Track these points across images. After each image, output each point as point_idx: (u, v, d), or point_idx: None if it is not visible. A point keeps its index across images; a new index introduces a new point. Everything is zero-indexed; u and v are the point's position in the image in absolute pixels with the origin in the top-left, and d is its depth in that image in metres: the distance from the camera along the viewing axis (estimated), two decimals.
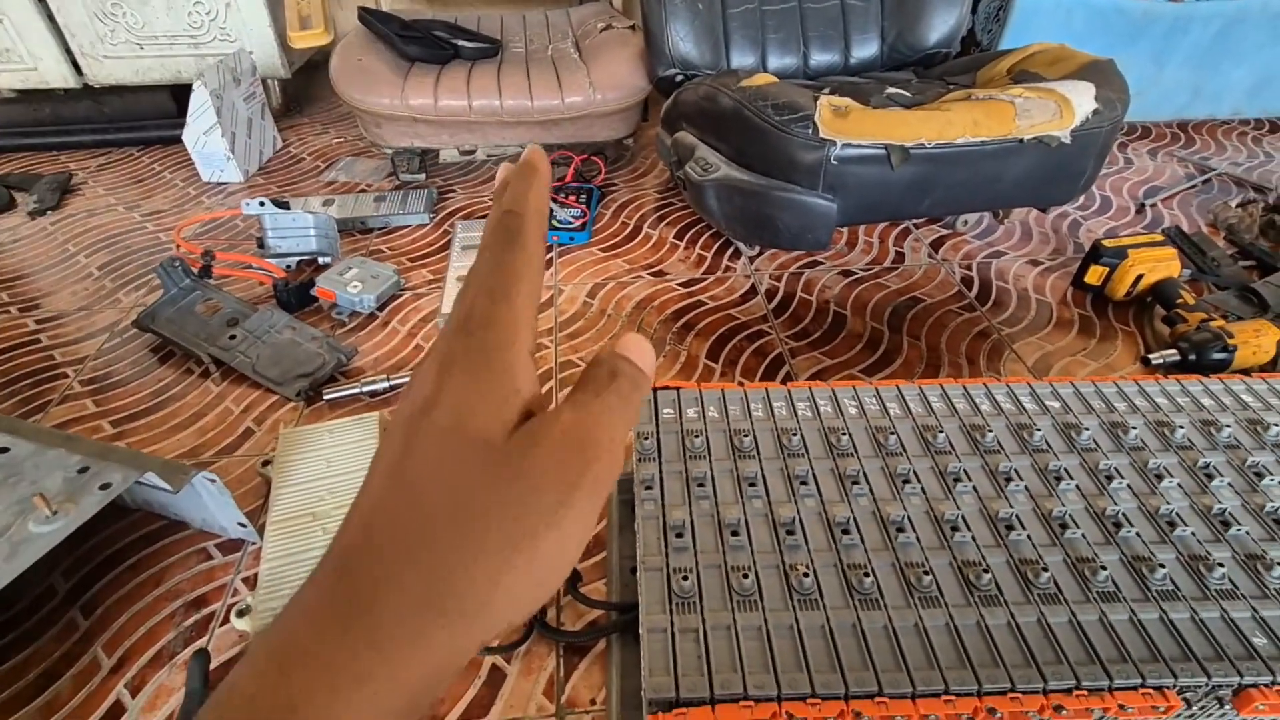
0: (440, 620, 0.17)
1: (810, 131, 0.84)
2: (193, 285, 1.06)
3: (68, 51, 1.55)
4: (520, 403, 0.20)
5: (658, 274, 1.16)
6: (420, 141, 1.35)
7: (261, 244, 1.18)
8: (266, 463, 0.80)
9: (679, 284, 1.13)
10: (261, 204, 1.13)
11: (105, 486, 0.59)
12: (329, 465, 0.78)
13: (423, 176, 1.44)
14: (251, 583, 0.67)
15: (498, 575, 0.17)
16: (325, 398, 0.90)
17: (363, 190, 1.42)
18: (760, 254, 1.19)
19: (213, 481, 0.65)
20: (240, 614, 0.64)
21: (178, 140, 1.48)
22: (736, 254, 1.19)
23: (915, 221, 1.28)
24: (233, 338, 0.98)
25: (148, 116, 1.66)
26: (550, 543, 0.18)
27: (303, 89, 1.88)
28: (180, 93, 1.55)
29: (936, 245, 1.22)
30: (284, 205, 1.17)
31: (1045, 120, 0.86)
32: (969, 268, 1.16)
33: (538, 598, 0.18)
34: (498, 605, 0.18)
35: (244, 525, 0.71)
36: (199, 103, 1.36)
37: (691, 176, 0.95)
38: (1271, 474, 0.56)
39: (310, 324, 1.02)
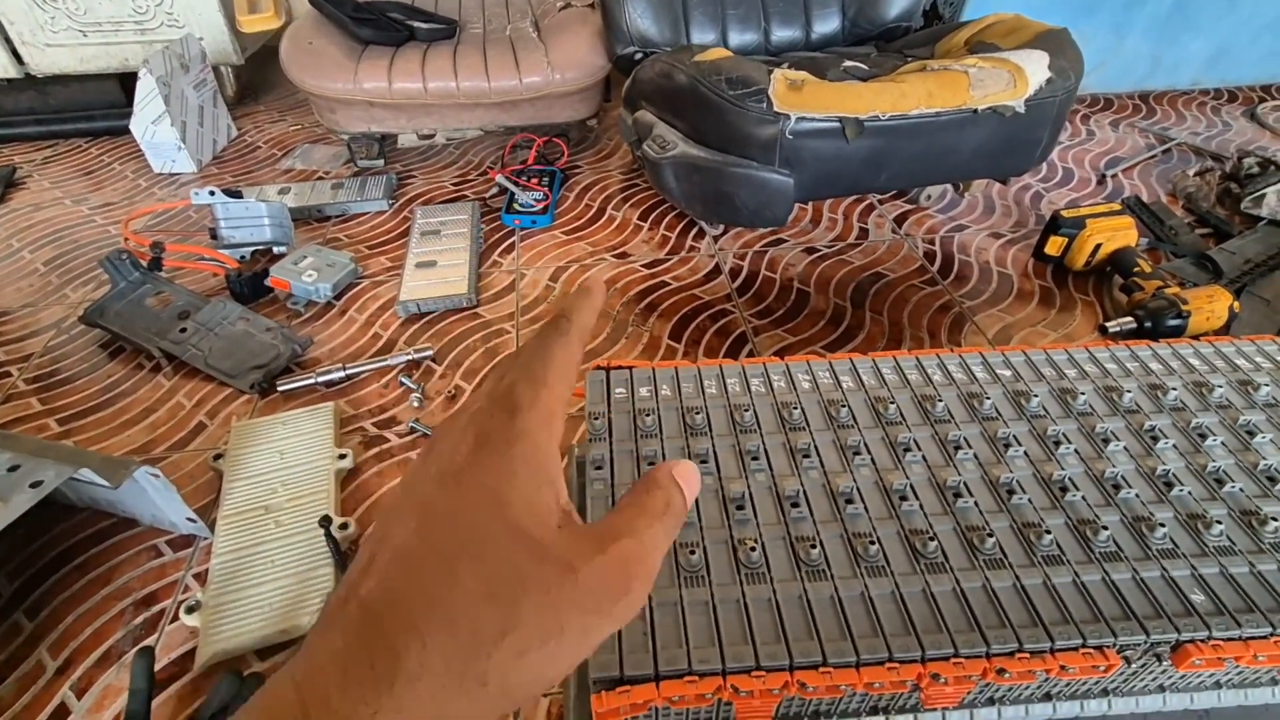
0: (464, 692, 0.17)
1: (764, 105, 0.83)
2: (142, 278, 1.03)
3: (7, 40, 1.49)
4: (553, 494, 0.21)
5: (621, 256, 1.14)
6: (377, 126, 1.32)
7: (214, 235, 1.15)
8: (218, 456, 0.78)
9: (642, 265, 1.12)
10: (212, 193, 1.10)
11: (36, 484, 0.57)
12: (282, 457, 0.77)
13: (381, 162, 1.41)
14: (203, 579, 0.66)
15: (526, 659, 0.18)
16: (280, 389, 0.88)
17: (320, 178, 1.39)
18: (724, 233, 1.18)
19: (156, 476, 0.64)
20: (190, 610, 0.62)
21: (127, 131, 1.43)
22: (701, 234, 1.19)
23: (879, 197, 1.28)
24: (184, 331, 0.95)
25: (95, 106, 1.61)
26: (578, 642, 0.19)
27: (258, 76, 1.83)
28: (129, 81, 1.50)
29: (900, 220, 1.22)
30: (236, 194, 1.14)
31: (999, 90, 0.86)
32: (932, 242, 1.16)
33: (551, 682, 0.19)
34: (519, 686, 0.18)
35: (194, 520, 0.70)
36: (145, 91, 1.32)
37: (649, 155, 0.94)
38: (1215, 435, 0.56)
39: (265, 315, 1.00)
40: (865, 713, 0.49)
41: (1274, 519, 0.49)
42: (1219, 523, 0.49)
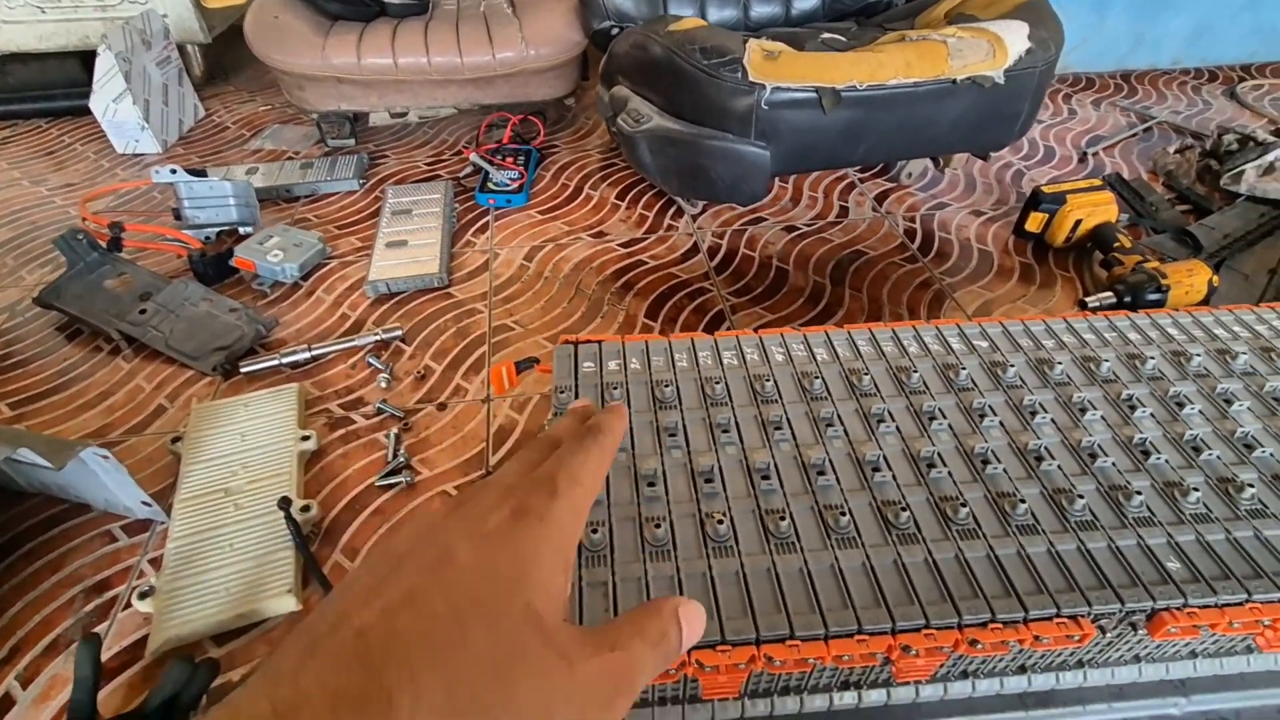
0: None
1: (739, 75, 0.81)
2: (101, 259, 1.00)
3: None
4: (567, 585, 0.22)
5: (598, 235, 1.12)
6: (347, 104, 1.28)
7: (178, 215, 1.12)
8: (177, 439, 0.75)
9: (619, 244, 1.10)
10: (174, 171, 1.06)
11: None
12: (244, 439, 0.74)
13: (353, 142, 1.37)
14: (159, 564, 0.64)
15: None
16: (243, 371, 0.85)
17: (290, 158, 1.35)
18: (703, 212, 1.16)
19: (105, 458, 0.61)
20: (143, 596, 0.60)
21: (89, 111, 1.38)
22: (680, 213, 1.17)
23: (860, 176, 1.26)
24: (144, 312, 0.92)
25: (56, 86, 1.55)
26: None
27: (227, 56, 1.78)
28: (91, 60, 1.44)
29: (881, 198, 1.20)
30: (200, 173, 1.11)
31: (978, 60, 0.84)
32: (913, 220, 1.15)
33: None
34: None
35: (149, 504, 0.67)
36: (105, 68, 1.27)
37: (623, 128, 0.91)
38: (1192, 403, 0.56)
39: (230, 296, 0.97)
40: (837, 687, 0.47)
41: (1250, 485, 0.48)
42: (1196, 490, 0.48)
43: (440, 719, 0.17)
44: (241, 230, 1.10)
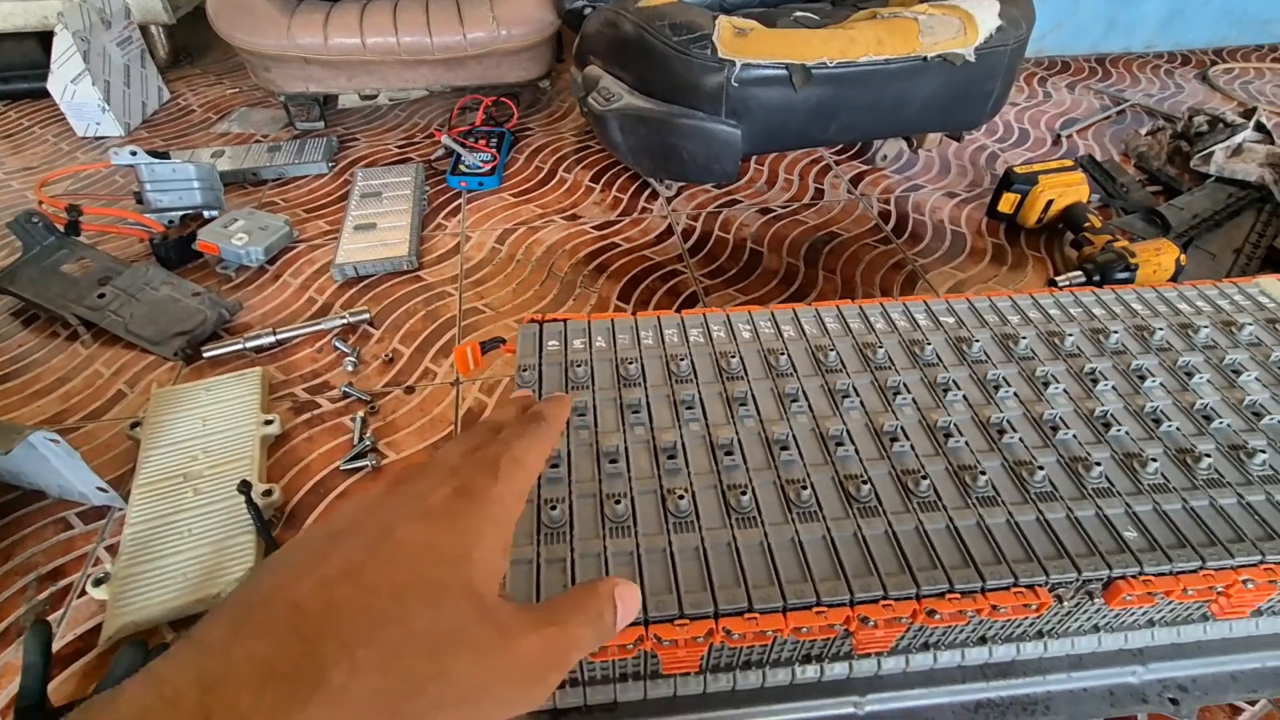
0: None
1: (709, 52, 0.80)
2: (58, 243, 0.97)
3: None
4: (504, 563, 0.22)
5: (571, 218, 1.11)
6: (315, 86, 1.26)
7: (140, 199, 1.09)
8: (136, 424, 0.73)
9: (593, 227, 1.08)
10: (134, 153, 1.03)
11: None
12: (204, 424, 0.73)
13: (322, 125, 1.35)
14: (116, 551, 0.62)
15: (443, 712, 0.18)
16: (205, 355, 0.83)
17: (257, 141, 1.32)
18: (678, 194, 1.16)
19: (56, 442, 0.59)
20: (97, 583, 0.59)
21: (49, 93, 1.34)
22: (654, 196, 1.15)
23: (836, 158, 1.26)
24: (102, 296, 0.90)
25: (15, 68, 1.51)
26: (492, 711, 0.20)
27: (193, 38, 1.73)
28: (51, 41, 1.41)
29: (856, 180, 1.20)
30: (162, 156, 1.08)
31: (949, 38, 0.83)
32: (887, 202, 1.14)
33: None
34: None
35: (105, 490, 0.65)
36: (62, 47, 1.23)
37: (594, 107, 0.90)
38: (1153, 376, 0.56)
39: (193, 280, 0.95)
40: (799, 661, 0.47)
41: (1207, 456, 0.48)
42: (1154, 461, 0.48)
43: (375, 693, 0.17)
44: (206, 214, 1.07)
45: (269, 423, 0.73)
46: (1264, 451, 0.49)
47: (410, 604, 0.19)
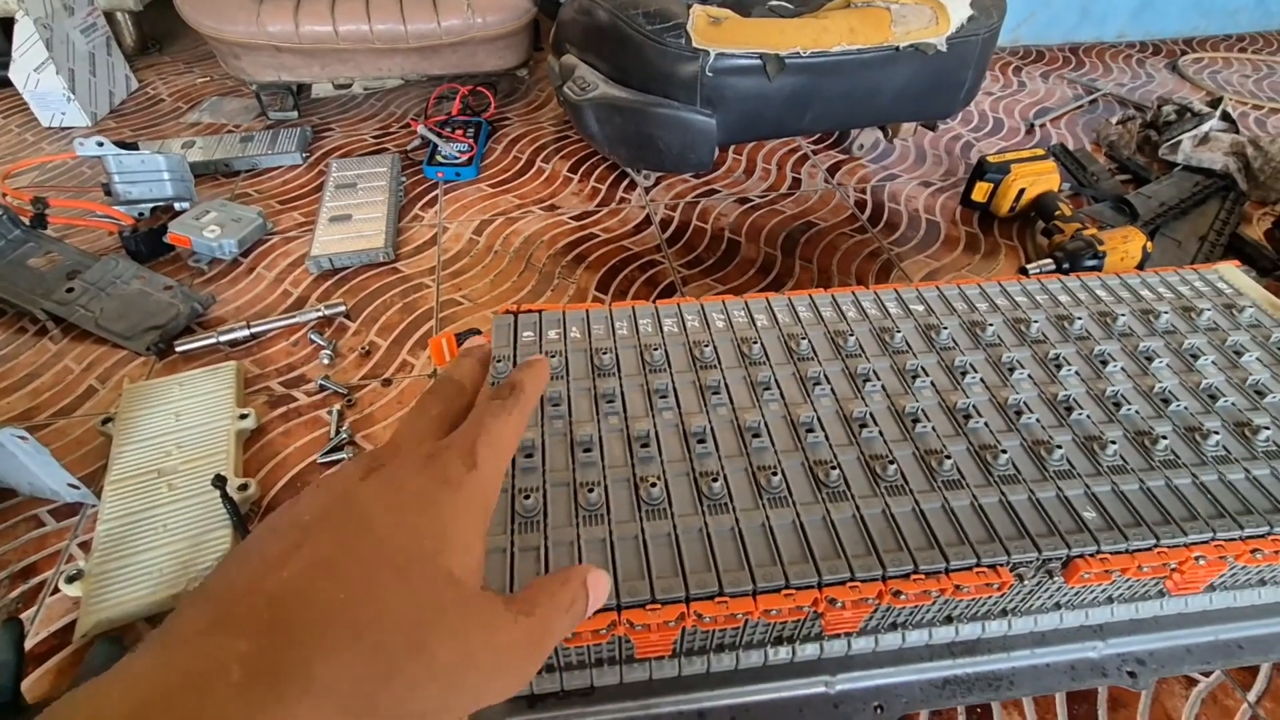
0: (357, 716, 0.17)
1: (683, 41, 0.80)
2: (24, 236, 0.95)
3: None
4: (483, 549, 0.22)
5: (549, 208, 1.11)
6: (288, 74, 1.24)
7: (109, 191, 1.07)
8: (107, 420, 0.73)
9: (571, 218, 1.08)
10: (100, 144, 1.01)
11: None
12: (178, 419, 0.72)
13: (295, 114, 1.33)
14: (89, 548, 0.62)
15: (424, 698, 0.18)
16: (178, 350, 0.82)
17: (229, 131, 1.30)
18: (656, 185, 1.16)
19: (24, 439, 0.59)
20: (70, 580, 0.58)
21: (11, 83, 1.31)
22: (632, 186, 1.15)
23: (813, 147, 1.27)
24: (70, 290, 0.88)
25: None
26: (473, 696, 0.20)
27: (161, 26, 1.69)
28: (12, 28, 1.37)
29: (833, 170, 1.21)
30: (131, 146, 1.06)
31: (921, 27, 0.84)
32: (863, 191, 1.15)
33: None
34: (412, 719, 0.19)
35: (77, 487, 0.65)
36: (23, 35, 1.20)
37: (569, 97, 0.90)
38: (1115, 361, 0.57)
39: (165, 274, 0.94)
40: (771, 643, 0.48)
41: (1164, 438, 0.50)
42: (1113, 443, 0.50)
43: (357, 688, 0.17)
44: (177, 206, 1.06)
45: (244, 417, 0.73)
46: (1217, 433, 0.50)
47: (390, 596, 0.19)
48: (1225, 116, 1.27)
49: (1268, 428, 0.51)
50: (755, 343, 0.58)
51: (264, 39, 1.15)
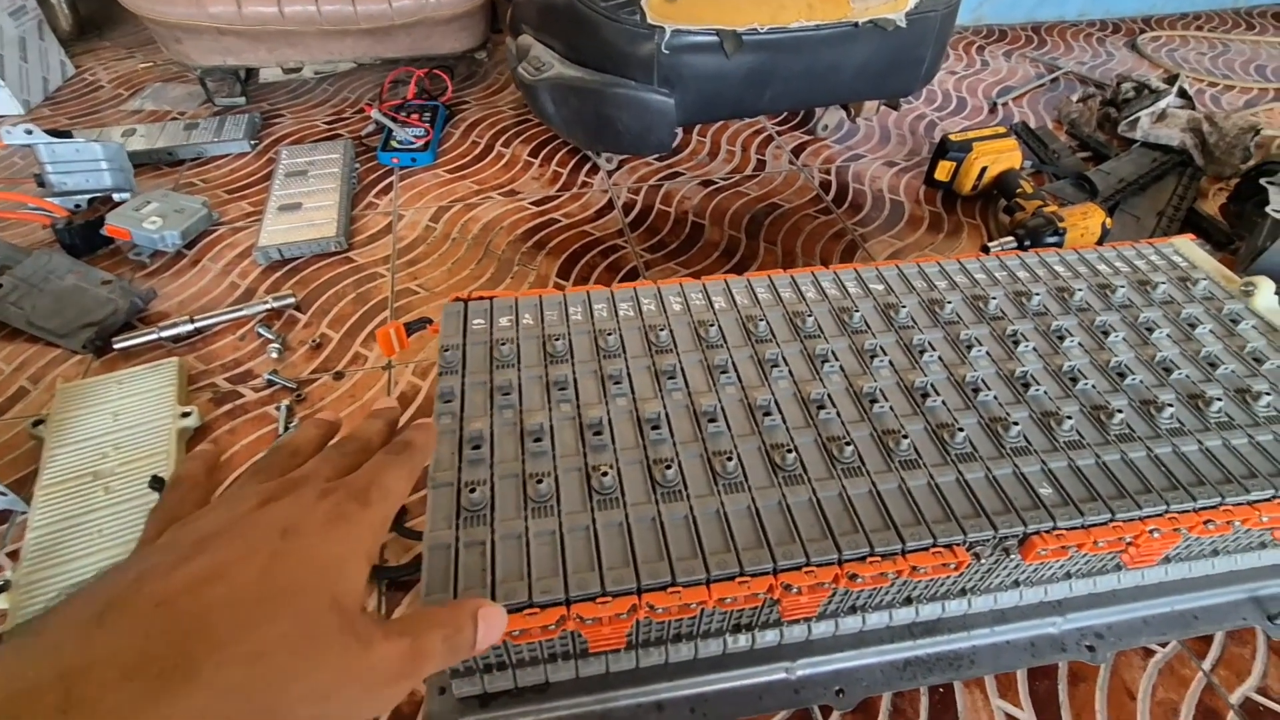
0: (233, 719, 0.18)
1: (638, 18, 0.78)
2: None
3: None
4: (365, 579, 0.24)
5: (509, 194, 1.08)
6: (233, 59, 1.19)
7: (42, 182, 1.02)
8: (39, 422, 0.69)
9: (531, 203, 1.06)
10: (29, 132, 0.96)
11: None
12: (116, 419, 0.69)
13: (243, 100, 1.28)
14: (18, 557, 0.58)
15: (300, 708, 0.20)
16: (117, 347, 0.78)
17: (174, 118, 1.25)
18: (619, 168, 1.13)
19: None
20: None
21: None
22: (594, 170, 1.13)
23: (778, 128, 1.25)
24: (0, 287, 0.84)
25: None
26: (345, 704, 0.21)
27: (99, 9, 1.62)
28: None
29: (798, 151, 1.19)
30: (65, 134, 1.01)
31: (880, 3, 0.83)
32: (828, 172, 1.14)
33: None
34: None
35: (4, 494, 0.61)
36: None
37: (523, 78, 0.87)
38: (1072, 335, 0.57)
39: (104, 268, 0.89)
40: (729, 631, 0.47)
41: (1120, 412, 0.50)
42: (1069, 419, 0.49)
43: (238, 691, 0.18)
44: (116, 197, 1.01)
45: (186, 415, 0.70)
46: (1171, 405, 0.50)
47: (278, 610, 0.20)
48: (1182, 93, 1.29)
49: (1219, 399, 0.51)
50: (712, 325, 0.57)
51: (205, 21, 1.10)
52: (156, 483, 0.59)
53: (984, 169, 1.04)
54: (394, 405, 0.35)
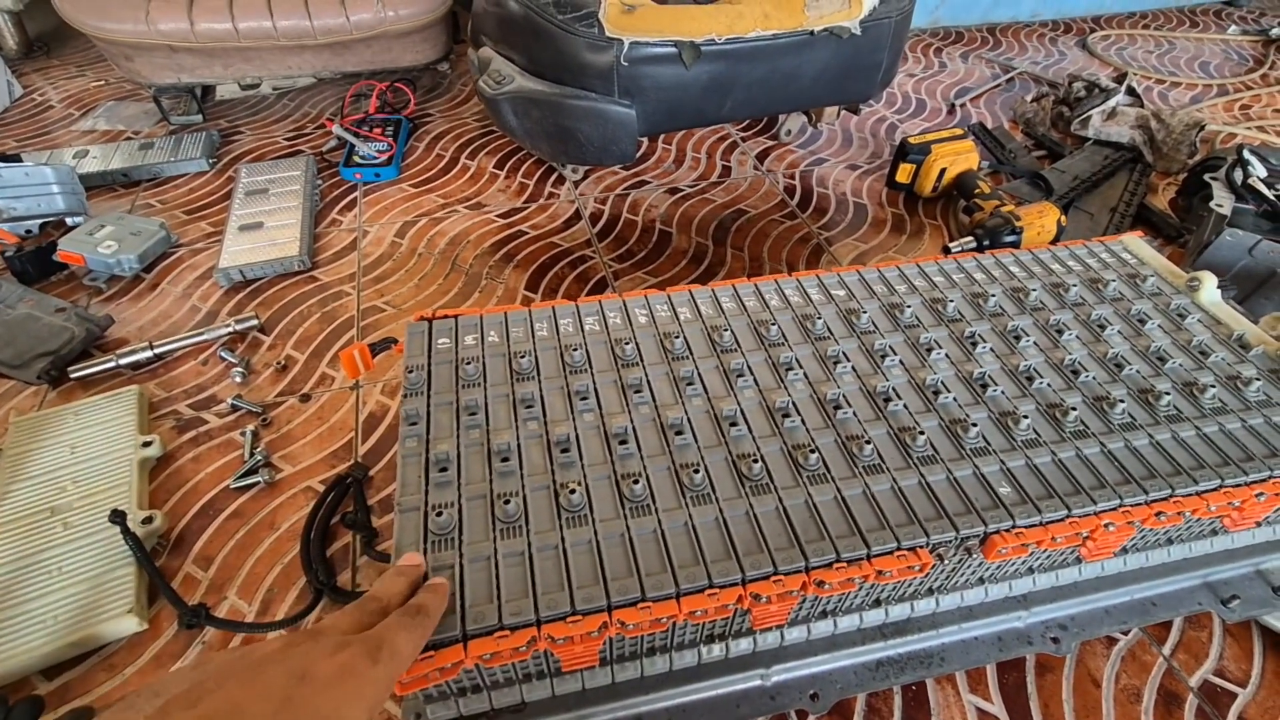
0: None
1: (596, 30, 0.78)
2: None
3: None
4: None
5: (475, 206, 1.07)
6: (187, 76, 1.17)
7: None
8: None
9: (498, 215, 1.05)
10: None
11: None
12: (73, 451, 0.67)
13: (200, 118, 1.25)
14: None
15: None
16: (73, 376, 0.77)
17: (129, 138, 1.22)
18: (585, 178, 1.14)
19: None
20: None
21: None
22: (561, 180, 1.13)
23: (742, 135, 1.27)
24: None
25: None
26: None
27: (48, 25, 1.58)
28: None
29: (762, 157, 1.21)
30: (13, 158, 0.98)
31: (834, 11, 0.84)
32: (792, 177, 1.16)
33: None
34: None
35: None
36: None
37: (484, 91, 0.87)
38: (1028, 335, 0.59)
39: (59, 295, 0.87)
40: (703, 642, 0.48)
41: (1074, 409, 0.51)
42: (1026, 418, 0.51)
43: None
44: (69, 221, 0.99)
45: (148, 444, 0.68)
46: (1123, 401, 0.52)
47: None
48: (1130, 91, 1.33)
49: (1168, 393, 0.52)
50: (678, 337, 0.57)
51: (156, 38, 1.08)
52: (118, 516, 0.58)
53: (943, 170, 1.06)
54: (419, 563, 0.39)
